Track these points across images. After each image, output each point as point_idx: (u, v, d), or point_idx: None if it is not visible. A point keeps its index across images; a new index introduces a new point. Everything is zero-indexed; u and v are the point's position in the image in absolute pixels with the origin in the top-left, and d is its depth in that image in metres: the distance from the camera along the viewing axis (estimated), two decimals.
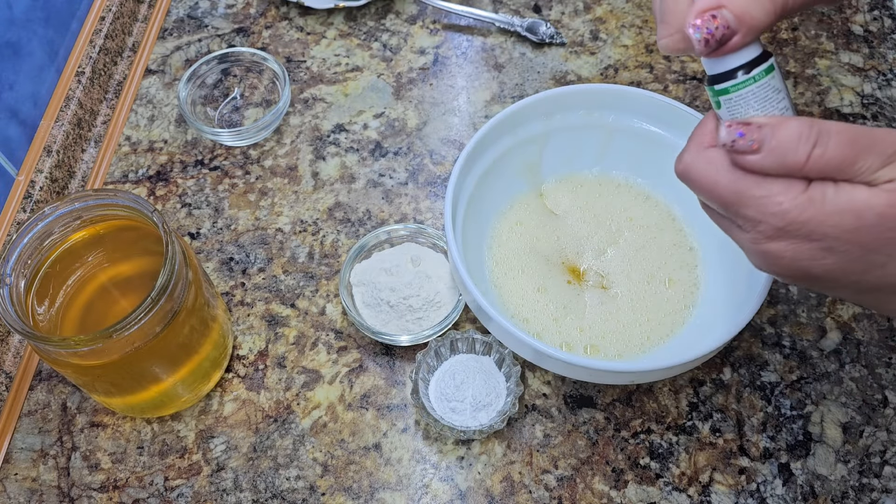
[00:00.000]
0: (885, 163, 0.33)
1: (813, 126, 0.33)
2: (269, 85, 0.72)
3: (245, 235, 0.64)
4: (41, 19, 0.67)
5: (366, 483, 0.54)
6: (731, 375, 0.57)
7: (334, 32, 0.76)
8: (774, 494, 0.53)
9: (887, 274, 0.35)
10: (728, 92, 0.36)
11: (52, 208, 0.49)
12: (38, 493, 0.54)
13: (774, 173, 0.34)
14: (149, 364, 0.50)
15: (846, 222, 0.33)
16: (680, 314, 0.57)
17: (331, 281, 0.62)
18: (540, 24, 0.74)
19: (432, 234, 0.61)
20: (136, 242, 0.54)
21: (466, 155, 0.56)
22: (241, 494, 0.54)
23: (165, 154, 0.69)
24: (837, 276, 0.36)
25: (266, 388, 0.57)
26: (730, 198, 0.36)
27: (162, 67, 0.75)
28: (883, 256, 0.34)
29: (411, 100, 0.71)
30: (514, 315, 0.57)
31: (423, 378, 0.55)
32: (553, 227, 0.61)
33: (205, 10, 0.78)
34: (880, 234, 0.34)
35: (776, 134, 0.33)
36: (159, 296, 0.46)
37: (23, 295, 0.49)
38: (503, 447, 0.55)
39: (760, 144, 0.34)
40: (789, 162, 0.33)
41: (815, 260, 0.35)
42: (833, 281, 0.36)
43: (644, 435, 0.55)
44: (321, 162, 0.68)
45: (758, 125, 0.34)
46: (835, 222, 0.34)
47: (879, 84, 0.70)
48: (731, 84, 0.36)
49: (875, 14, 0.75)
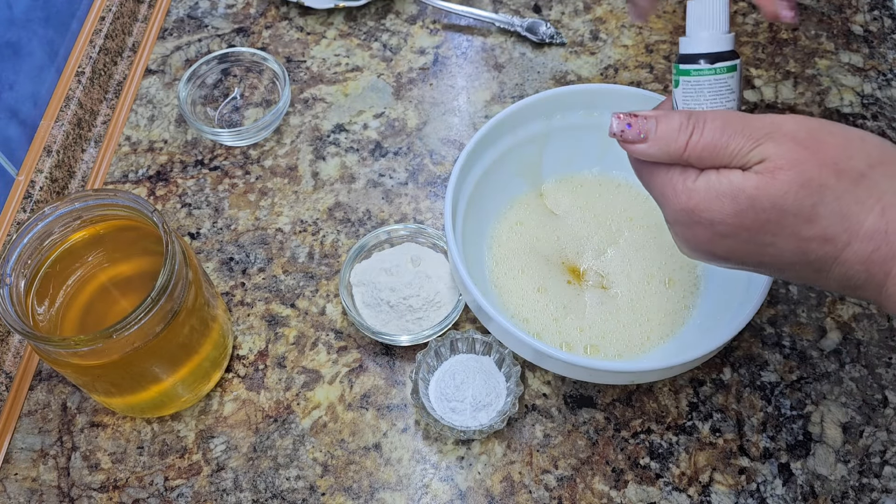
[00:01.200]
0: (754, 144, 0.35)
1: (691, 117, 0.36)
2: (269, 85, 0.72)
3: (245, 235, 0.64)
4: (41, 19, 0.67)
5: (366, 483, 0.54)
6: (731, 375, 0.57)
7: (334, 32, 0.76)
8: (774, 494, 0.53)
9: (780, 253, 0.36)
10: (689, 74, 0.39)
11: (52, 208, 0.49)
12: (38, 493, 0.54)
13: (662, 161, 0.37)
14: (149, 364, 0.50)
15: (726, 207, 0.35)
16: (680, 314, 0.57)
17: (331, 281, 0.62)
18: (540, 24, 0.74)
19: (432, 234, 0.61)
20: (136, 242, 0.54)
21: (466, 155, 0.56)
22: (241, 494, 0.54)
23: (165, 154, 0.69)
24: (741, 256, 0.37)
25: (266, 388, 0.57)
26: (644, 180, 0.39)
27: (162, 67, 0.75)
28: (768, 236, 0.36)
29: (411, 100, 0.71)
30: (514, 315, 0.57)
31: (423, 378, 0.55)
32: (553, 227, 0.61)
33: (205, 10, 0.78)
34: (756, 217, 0.35)
35: (659, 125, 0.37)
36: (159, 296, 0.46)
37: (23, 295, 0.49)
38: (503, 447, 0.55)
39: (647, 134, 0.37)
40: (672, 150, 0.36)
41: (714, 243, 0.37)
42: (741, 261, 0.38)
43: (644, 435, 0.55)
44: (321, 162, 0.68)
45: (644, 117, 0.37)
46: (717, 207, 0.36)
47: (879, 84, 0.70)
48: (694, 68, 0.39)
49: (875, 14, 0.75)
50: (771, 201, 0.34)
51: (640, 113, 0.38)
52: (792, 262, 0.36)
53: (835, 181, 0.34)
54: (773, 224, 0.35)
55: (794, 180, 0.34)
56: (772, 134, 0.35)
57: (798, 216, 0.35)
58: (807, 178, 0.34)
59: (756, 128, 0.35)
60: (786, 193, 0.34)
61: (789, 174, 0.34)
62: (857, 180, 0.34)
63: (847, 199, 0.34)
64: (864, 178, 0.34)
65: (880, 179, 0.34)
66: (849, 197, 0.34)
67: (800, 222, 0.35)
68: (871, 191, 0.34)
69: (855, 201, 0.34)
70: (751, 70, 0.72)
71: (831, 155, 0.34)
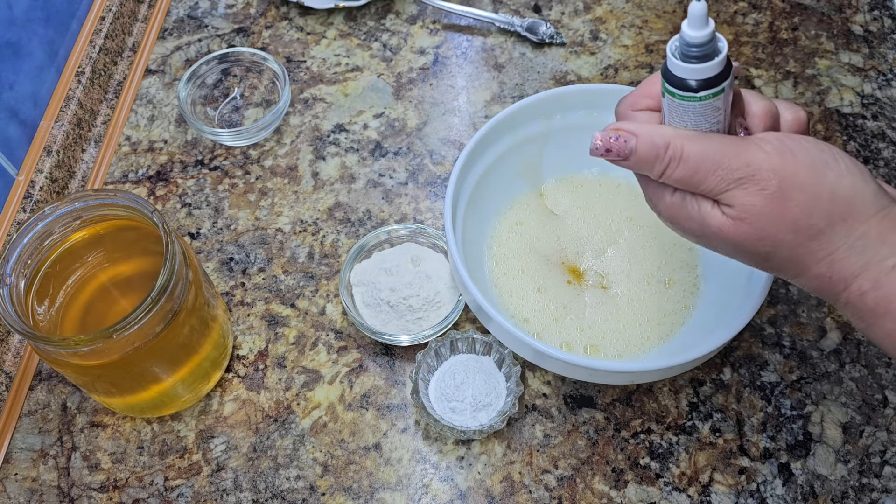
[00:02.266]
0: (725, 188, 0.37)
1: (668, 150, 0.38)
2: (269, 85, 0.72)
3: (245, 235, 0.64)
4: (41, 19, 0.67)
5: (366, 483, 0.54)
6: (731, 375, 0.57)
7: (334, 32, 0.76)
8: (774, 494, 0.53)
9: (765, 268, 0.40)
10: (673, 95, 0.38)
11: (52, 208, 0.49)
12: (38, 493, 0.54)
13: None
14: (149, 364, 0.50)
15: (693, 228, 0.40)
16: (680, 314, 0.57)
17: (331, 281, 0.62)
18: (540, 24, 0.74)
19: (432, 234, 0.61)
20: (136, 242, 0.54)
21: (466, 155, 0.56)
22: (241, 494, 0.54)
23: (165, 154, 0.69)
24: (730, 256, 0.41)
25: (266, 388, 0.58)
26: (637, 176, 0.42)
27: (162, 67, 0.75)
28: (731, 254, 0.40)
29: (411, 100, 0.71)
30: (514, 315, 0.57)
31: (423, 378, 0.55)
32: (553, 227, 0.61)
33: (205, 10, 0.78)
34: (717, 243, 0.39)
35: (638, 150, 0.39)
36: (159, 296, 0.46)
37: (23, 295, 0.49)
38: (503, 447, 0.55)
39: (628, 155, 0.39)
40: (649, 173, 0.39)
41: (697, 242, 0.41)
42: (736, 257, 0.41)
43: (644, 435, 0.55)
44: (321, 162, 0.68)
45: (625, 139, 0.39)
46: (686, 225, 0.40)
47: (879, 84, 0.70)
48: (679, 93, 0.38)
49: (875, 14, 0.75)
50: (731, 243, 0.39)
51: (622, 130, 0.39)
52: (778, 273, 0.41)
53: (791, 237, 0.37)
54: (733, 252, 0.40)
55: (753, 234, 0.38)
56: (743, 181, 0.37)
57: (753, 257, 0.39)
58: (765, 234, 0.37)
59: (730, 170, 0.37)
60: (744, 241, 0.38)
61: (749, 228, 0.38)
62: (813, 236, 0.37)
63: (800, 251, 0.38)
64: (821, 235, 0.37)
65: (836, 236, 0.37)
66: (802, 249, 0.38)
67: (754, 261, 0.40)
68: (824, 246, 0.37)
69: (807, 253, 0.38)
70: (751, 70, 0.72)
71: (793, 213, 0.37)
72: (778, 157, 0.37)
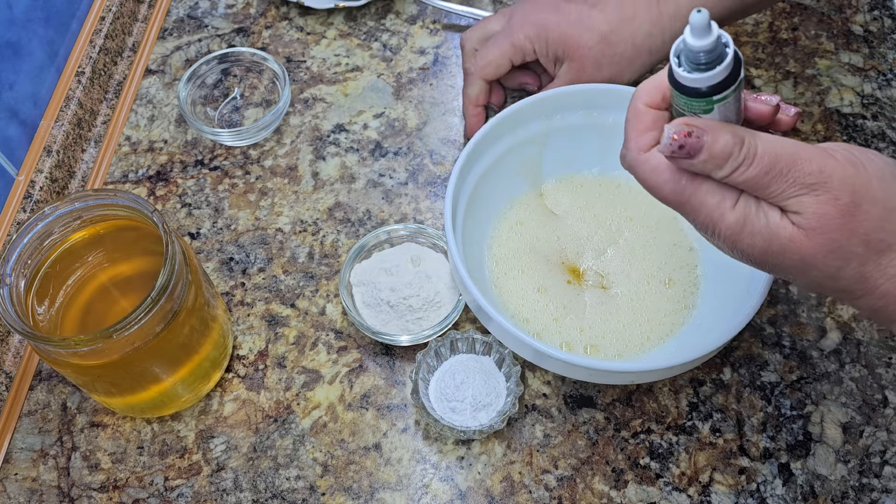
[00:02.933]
0: (795, 192, 0.36)
1: (743, 146, 0.36)
2: (269, 85, 0.72)
3: (245, 235, 0.64)
4: (41, 19, 0.67)
5: (366, 483, 0.54)
6: (731, 375, 0.57)
7: (334, 32, 0.76)
8: (774, 494, 0.53)
9: (800, 284, 0.40)
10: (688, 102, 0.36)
11: (52, 208, 0.49)
12: (38, 493, 0.54)
13: (701, 174, 0.37)
14: (149, 364, 0.50)
15: (757, 244, 0.37)
16: (680, 314, 0.57)
17: (331, 281, 0.62)
18: None
19: (432, 234, 0.61)
20: (136, 242, 0.54)
21: (466, 155, 0.56)
22: (241, 494, 0.54)
23: (165, 154, 0.69)
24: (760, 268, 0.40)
25: (266, 388, 0.58)
26: (673, 202, 0.39)
27: (162, 67, 0.75)
28: (791, 276, 0.39)
29: (411, 100, 0.71)
30: (514, 315, 0.57)
31: (423, 378, 0.55)
32: (553, 227, 0.61)
33: (205, 10, 0.78)
34: (783, 262, 0.38)
35: (712, 146, 0.36)
36: (159, 296, 0.46)
37: (23, 295, 0.49)
38: (503, 447, 0.55)
39: (699, 150, 0.36)
40: (715, 175, 0.37)
41: (740, 260, 0.40)
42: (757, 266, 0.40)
43: (644, 435, 0.55)
44: (321, 162, 0.68)
45: (697, 136, 0.36)
46: (748, 242, 0.37)
47: (879, 84, 0.70)
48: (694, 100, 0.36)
49: (875, 14, 0.75)
50: (800, 256, 0.37)
51: (694, 129, 0.36)
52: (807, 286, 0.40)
53: (862, 250, 0.36)
54: (797, 271, 0.38)
55: (825, 246, 0.36)
56: (815, 187, 0.35)
57: (822, 272, 0.37)
58: (837, 245, 0.36)
59: (803, 173, 0.36)
60: (815, 254, 0.36)
61: (822, 239, 0.36)
62: (882, 252, 0.36)
63: (869, 266, 0.37)
64: (891, 250, 0.36)
65: None
66: (871, 265, 0.37)
67: (822, 277, 0.38)
68: (894, 261, 0.37)
69: (876, 269, 0.37)
70: (751, 70, 0.72)
71: (865, 227, 0.36)
72: (851, 168, 0.36)
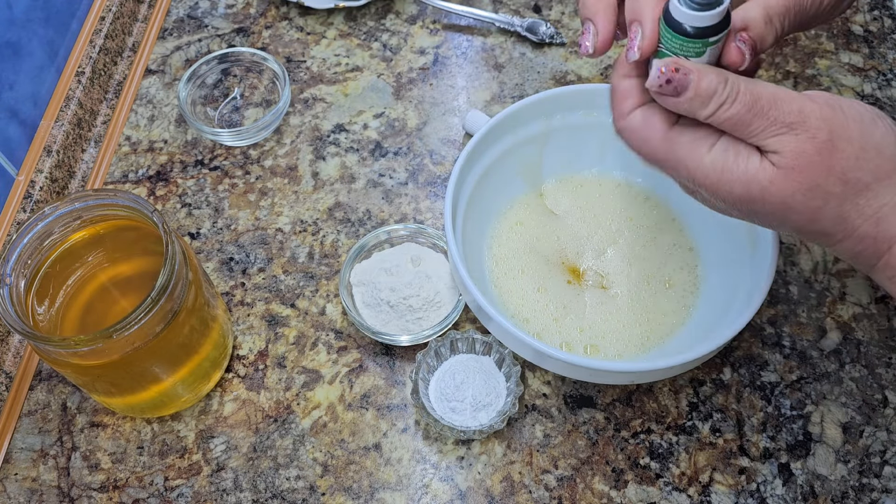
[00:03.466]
0: (776, 131, 0.36)
1: (727, 84, 0.37)
2: (269, 85, 0.72)
3: (245, 235, 0.64)
4: (41, 19, 0.67)
5: (366, 483, 0.54)
6: (731, 375, 0.57)
7: (334, 32, 0.76)
8: (774, 494, 0.53)
9: (780, 228, 0.40)
10: (679, 42, 0.38)
11: (52, 208, 0.49)
12: (38, 493, 0.54)
13: (685, 114, 0.38)
14: (149, 364, 0.50)
15: (736, 191, 0.38)
16: (680, 314, 0.57)
17: (331, 281, 0.62)
18: (540, 24, 0.74)
19: (432, 234, 0.61)
20: (136, 242, 0.54)
21: (466, 155, 0.56)
22: (241, 494, 0.54)
23: (165, 154, 0.69)
24: (737, 216, 0.40)
25: (266, 388, 0.58)
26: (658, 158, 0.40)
27: (162, 67, 0.75)
28: (770, 221, 0.39)
29: (411, 100, 0.71)
30: (514, 315, 0.57)
31: (423, 378, 0.55)
32: (553, 227, 0.61)
33: (205, 10, 0.78)
34: (763, 207, 0.38)
35: (698, 82, 0.36)
36: (159, 296, 0.46)
37: (23, 295, 0.49)
38: (503, 447, 0.55)
39: (685, 87, 0.37)
40: (699, 112, 0.37)
41: (727, 212, 0.40)
42: (735, 215, 0.41)
43: (644, 435, 0.55)
44: (321, 162, 0.68)
45: (684, 73, 0.37)
46: (728, 189, 0.38)
47: (879, 84, 0.70)
48: (686, 40, 0.37)
49: (875, 14, 0.75)
50: (780, 198, 0.37)
51: (682, 66, 0.37)
52: (790, 231, 0.40)
53: (840, 189, 0.37)
54: (777, 216, 0.38)
55: (804, 183, 0.37)
56: (794, 126, 0.36)
57: (802, 214, 0.38)
58: (815, 184, 0.37)
59: (783, 112, 0.36)
60: (794, 193, 0.37)
61: (800, 177, 0.37)
62: (860, 191, 0.37)
63: (847, 206, 0.37)
64: (868, 190, 0.37)
65: (883, 192, 0.37)
66: (849, 205, 0.37)
67: (802, 220, 0.38)
68: (871, 202, 0.37)
69: (854, 209, 0.37)
70: None
71: (842, 165, 0.36)
72: (829, 109, 0.37)
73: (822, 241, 0.39)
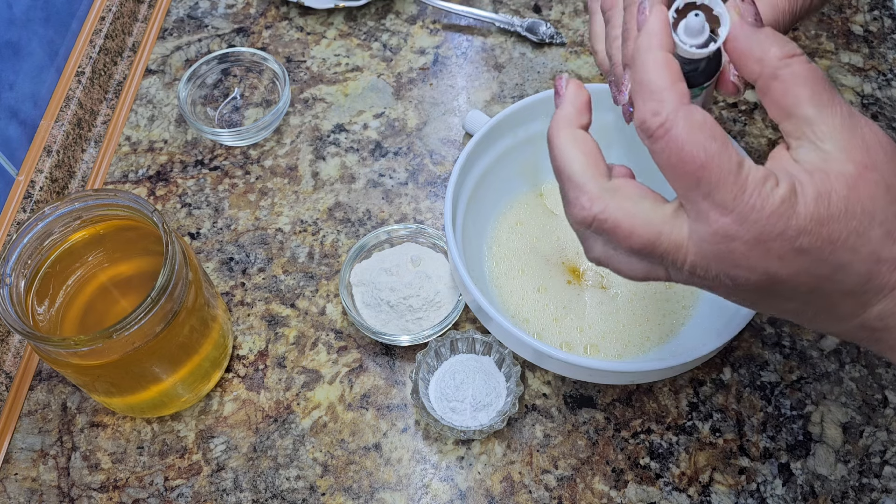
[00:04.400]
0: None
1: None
2: (269, 85, 0.72)
3: (245, 235, 0.64)
4: (41, 19, 0.67)
5: (366, 483, 0.54)
6: (731, 375, 0.57)
7: (334, 32, 0.76)
8: (774, 494, 0.53)
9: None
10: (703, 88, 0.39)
11: (52, 208, 0.49)
12: (38, 493, 0.54)
13: None
14: (149, 364, 0.50)
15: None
16: (680, 314, 0.57)
17: (331, 281, 0.62)
18: (540, 24, 0.74)
19: (432, 234, 0.61)
20: (136, 242, 0.54)
21: (466, 155, 0.56)
22: (241, 494, 0.54)
23: (165, 154, 0.69)
24: None
25: (266, 388, 0.58)
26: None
27: (162, 67, 0.75)
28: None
29: (411, 100, 0.71)
30: (514, 315, 0.57)
31: (423, 378, 0.55)
32: (553, 227, 0.61)
33: (205, 10, 0.78)
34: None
35: None
36: (159, 296, 0.46)
37: (23, 295, 0.49)
38: (503, 447, 0.55)
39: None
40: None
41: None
42: None
43: (644, 435, 0.55)
44: (321, 162, 0.68)
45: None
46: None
47: (879, 84, 0.70)
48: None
49: (875, 14, 0.75)
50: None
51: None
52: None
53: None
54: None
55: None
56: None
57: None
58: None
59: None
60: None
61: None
62: None
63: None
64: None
65: None
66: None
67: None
68: None
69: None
70: None
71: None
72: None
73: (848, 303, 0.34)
